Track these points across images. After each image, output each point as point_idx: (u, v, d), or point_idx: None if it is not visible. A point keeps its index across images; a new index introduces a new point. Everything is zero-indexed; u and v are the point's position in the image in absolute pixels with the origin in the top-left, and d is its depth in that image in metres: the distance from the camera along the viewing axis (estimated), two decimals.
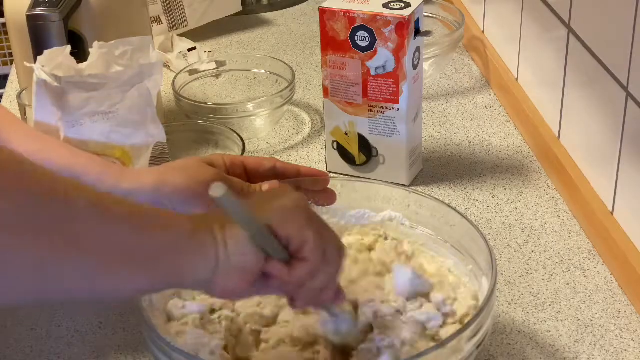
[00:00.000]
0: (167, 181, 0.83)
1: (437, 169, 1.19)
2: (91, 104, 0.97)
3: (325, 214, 0.93)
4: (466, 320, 0.80)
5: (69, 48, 1.01)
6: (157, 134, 1.02)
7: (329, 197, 0.92)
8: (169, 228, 0.65)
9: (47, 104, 0.96)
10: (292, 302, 0.73)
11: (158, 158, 1.03)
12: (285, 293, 0.72)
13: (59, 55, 0.99)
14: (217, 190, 0.63)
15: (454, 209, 0.88)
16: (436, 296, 0.84)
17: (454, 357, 0.74)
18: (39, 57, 0.98)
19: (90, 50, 1.02)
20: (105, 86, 0.97)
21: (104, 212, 0.62)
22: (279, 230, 0.68)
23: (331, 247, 0.72)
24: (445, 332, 0.80)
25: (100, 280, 0.62)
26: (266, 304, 0.84)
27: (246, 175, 0.89)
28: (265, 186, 0.86)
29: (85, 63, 1.02)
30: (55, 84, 0.95)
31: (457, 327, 0.80)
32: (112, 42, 1.02)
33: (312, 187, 0.91)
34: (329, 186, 0.92)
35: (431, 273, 0.88)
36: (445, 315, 0.83)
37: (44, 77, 0.95)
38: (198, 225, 0.66)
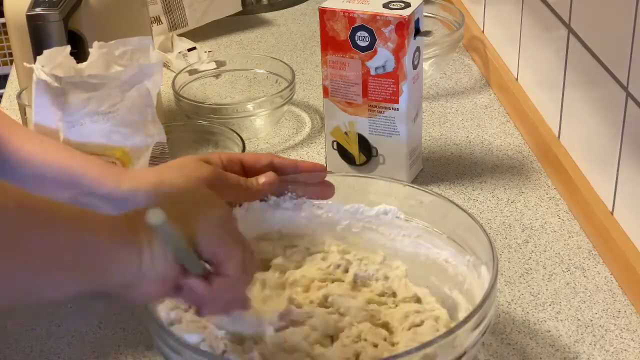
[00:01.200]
0: (165, 181, 0.83)
1: (437, 169, 1.19)
2: (91, 104, 0.97)
3: (320, 208, 0.93)
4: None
5: (68, 48, 1.01)
6: (157, 134, 1.02)
7: (327, 191, 0.91)
8: (100, 230, 0.68)
9: (47, 104, 0.96)
10: (200, 311, 0.76)
11: (158, 158, 1.03)
12: (199, 304, 0.75)
13: (58, 55, 0.99)
14: (156, 217, 0.66)
15: (451, 201, 0.88)
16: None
17: (458, 347, 0.74)
18: (38, 57, 0.98)
19: (90, 50, 1.02)
20: (105, 86, 0.97)
21: (34, 217, 0.65)
22: (206, 247, 0.71)
23: (249, 263, 0.75)
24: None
25: (28, 283, 0.65)
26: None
27: (244, 171, 0.89)
28: (262, 179, 0.87)
29: (85, 63, 1.02)
30: (55, 84, 0.95)
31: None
32: (112, 42, 1.02)
33: (309, 180, 0.91)
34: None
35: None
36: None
37: (44, 77, 0.95)
38: (128, 232, 0.69)
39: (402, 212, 0.92)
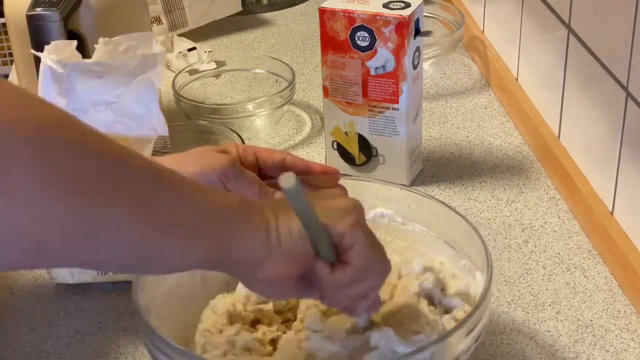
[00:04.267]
0: (183, 168, 0.83)
1: (437, 169, 1.19)
2: (95, 93, 0.97)
3: None
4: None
5: (75, 43, 1.01)
6: (160, 127, 1.02)
7: None
8: (224, 201, 0.65)
9: (52, 91, 0.97)
10: (324, 300, 0.72)
11: (160, 152, 1.04)
12: (322, 293, 0.71)
13: (65, 49, 1.00)
14: (288, 180, 0.63)
15: (446, 205, 0.88)
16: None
17: (452, 351, 0.74)
18: (46, 46, 0.98)
19: (95, 46, 1.02)
20: (109, 74, 0.97)
21: (162, 178, 0.61)
22: (333, 228, 0.68)
23: (378, 258, 0.72)
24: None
25: (154, 245, 0.61)
26: None
27: (257, 164, 0.89)
28: (278, 195, 0.86)
29: (90, 60, 1.02)
30: (61, 70, 0.96)
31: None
32: (116, 37, 1.02)
33: (322, 183, 0.90)
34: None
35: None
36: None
37: (49, 63, 0.96)
38: (251, 206, 0.66)
39: (398, 215, 0.92)
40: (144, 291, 0.79)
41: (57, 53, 0.98)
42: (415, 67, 1.11)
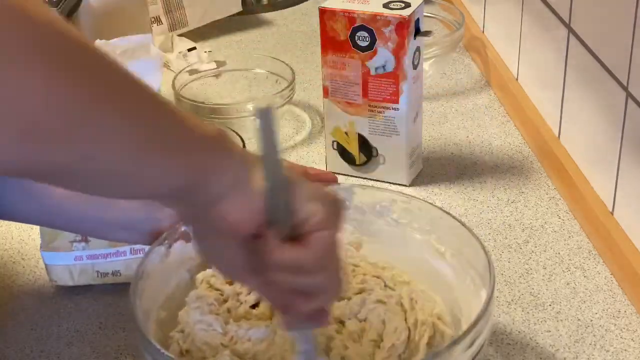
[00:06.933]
0: None
1: (437, 169, 1.19)
2: None
3: None
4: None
5: None
6: None
7: None
8: (208, 128, 0.62)
9: None
10: (261, 288, 0.67)
11: None
12: (261, 268, 0.64)
13: None
14: (263, 104, 0.60)
15: (451, 215, 0.86)
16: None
17: None
18: None
19: None
20: None
21: (157, 97, 0.60)
22: (305, 204, 0.62)
23: (334, 264, 0.65)
24: None
25: (142, 154, 0.58)
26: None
27: None
28: None
29: None
30: None
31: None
32: (114, 39, 1.02)
33: None
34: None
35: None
36: None
37: None
38: (232, 140, 0.64)
39: (405, 223, 0.89)
40: (143, 299, 0.79)
41: None
42: (415, 67, 1.11)
